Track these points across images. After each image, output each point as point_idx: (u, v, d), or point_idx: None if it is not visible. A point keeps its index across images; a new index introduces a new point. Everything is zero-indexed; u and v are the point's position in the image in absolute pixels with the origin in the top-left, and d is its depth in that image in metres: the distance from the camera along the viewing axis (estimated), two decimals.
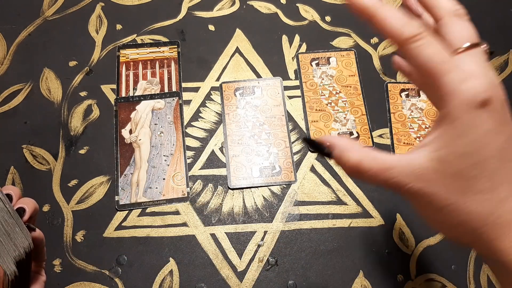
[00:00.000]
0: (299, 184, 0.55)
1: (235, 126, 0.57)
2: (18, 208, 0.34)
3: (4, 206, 0.33)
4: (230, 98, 0.59)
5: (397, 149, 0.56)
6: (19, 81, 0.59)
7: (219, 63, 0.62)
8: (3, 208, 0.33)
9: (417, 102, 0.60)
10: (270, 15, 0.66)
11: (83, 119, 0.57)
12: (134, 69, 0.60)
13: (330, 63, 0.62)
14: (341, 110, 0.59)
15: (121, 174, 0.54)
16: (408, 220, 0.53)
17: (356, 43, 0.64)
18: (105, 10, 0.65)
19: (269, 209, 0.53)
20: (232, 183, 0.54)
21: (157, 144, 0.56)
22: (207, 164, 0.55)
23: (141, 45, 0.62)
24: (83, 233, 0.51)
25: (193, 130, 0.57)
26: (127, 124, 0.57)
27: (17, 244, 0.34)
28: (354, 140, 0.28)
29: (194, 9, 0.66)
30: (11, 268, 0.33)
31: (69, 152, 0.55)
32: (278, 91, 0.60)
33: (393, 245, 0.52)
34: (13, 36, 0.63)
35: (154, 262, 0.50)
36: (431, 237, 0.52)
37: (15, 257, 0.33)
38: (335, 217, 0.53)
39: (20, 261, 0.33)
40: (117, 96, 0.59)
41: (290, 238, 0.52)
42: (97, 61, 0.61)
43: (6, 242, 0.33)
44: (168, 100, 0.58)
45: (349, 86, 0.60)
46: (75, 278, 0.49)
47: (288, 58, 0.62)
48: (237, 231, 0.52)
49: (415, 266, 0.51)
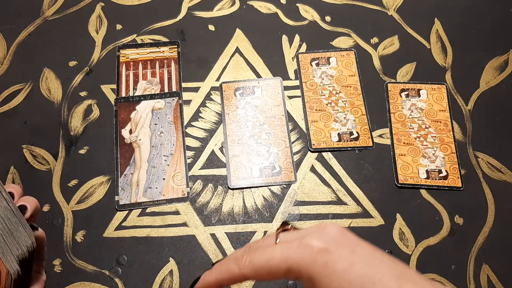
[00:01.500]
0: (299, 184, 0.55)
1: (235, 126, 0.57)
2: (19, 205, 0.34)
3: (7, 205, 0.33)
4: (230, 98, 0.59)
5: (397, 148, 0.56)
6: (19, 81, 0.59)
7: (219, 63, 0.62)
8: (7, 207, 0.33)
9: (417, 102, 0.60)
10: (270, 15, 0.66)
11: (83, 119, 0.57)
12: (134, 69, 0.60)
13: (330, 63, 0.62)
14: (341, 110, 0.59)
15: (121, 174, 0.54)
16: (408, 220, 0.53)
17: (356, 43, 0.64)
18: (105, 10, 0.65)
19: (269, 209, 0.53)
20: (232, 183, 0.54)
21: (157, 144, 0.56)
22: (207, 164, 0.55)
23: (141, 45, 0.62)
24: (83, 233, 0.51)
25: (193, 130, 0.57)
26: (127, 124, 0.57)
27: (20, 243, 0.34)
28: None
29: (194, 9, 0.66)
30: (15, 267, 0.32)
31: (69, 152, 0.55)
32: (278, 91, 0.60)
33: (393, 245, 0.52)
34: (13, 36, 0.63)
35: (154, 262, 0.50)
36: (431, 237, 0.52)
37: (18, 256, 0.33)
38: (335, 217, 0.53)
39: (23, 260, 0.33)
40: (117, 96, 0.59)
41: None
42: (97, 61, 0.61)
43: (10, 241, 0.33)
44: (168, 100, 0.58)
45: (349, 86, 0.60)
46: (75, 278, 0.49)
47: (288, 58, 0.62)
48: (237, 231, 0.52)
49: (415, 266, 0.51)
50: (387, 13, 0.67)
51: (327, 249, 0.28)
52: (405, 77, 0.61)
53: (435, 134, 0.57)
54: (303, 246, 0.28)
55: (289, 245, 0.29)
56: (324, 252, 0.28)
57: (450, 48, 0.64)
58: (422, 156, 0.56)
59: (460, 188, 0.55)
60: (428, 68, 0.62)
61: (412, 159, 0.56)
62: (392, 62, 0.63)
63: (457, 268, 0.51)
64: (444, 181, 0.55)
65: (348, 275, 0.27)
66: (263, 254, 0.30)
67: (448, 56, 0.63)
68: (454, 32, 0.65)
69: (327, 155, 0.57)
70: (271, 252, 0.30)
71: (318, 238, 0.29)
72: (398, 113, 0.59)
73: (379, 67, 0.62)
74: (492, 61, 0.63)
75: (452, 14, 0.67)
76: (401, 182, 0.54)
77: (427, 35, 0.65)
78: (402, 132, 0.58)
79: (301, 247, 0.29)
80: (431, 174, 0.55)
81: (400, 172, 0.55)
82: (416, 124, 0.58)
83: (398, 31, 0.65)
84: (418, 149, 0.56)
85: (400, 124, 0.58)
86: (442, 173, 0.55)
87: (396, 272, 0.27)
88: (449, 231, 0.53)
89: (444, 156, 0.56)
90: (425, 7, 0.67)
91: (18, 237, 0.34)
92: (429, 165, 0.55)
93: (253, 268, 0.30)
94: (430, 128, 0.58)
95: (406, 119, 0.58)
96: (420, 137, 0.57)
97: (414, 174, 0.55)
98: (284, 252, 0.29)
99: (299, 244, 0.29)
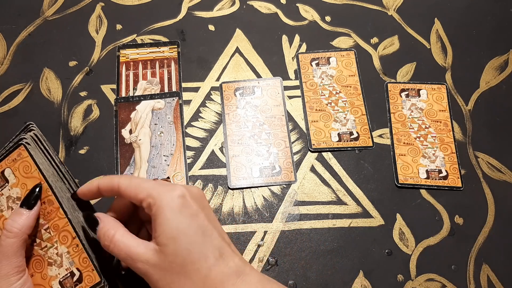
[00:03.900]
0: (299, 184, 0.55)
1: (235, 126, 0.57)
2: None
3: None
4: (230, 98, 0.59)
5: (397, 148, 0.56)
6: (19, 81, 0.60)
7: (219, 63, 0.62)
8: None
9: (417, 102, 0.60)
10: (270, 15, 0.66)
11: (83, 119, 0.57)
12: (134, 69, 0.60)
13: (330, 63, 0.62)
14: (341, 110, 0.59)
15: (121, 174, 0.54)
16: (408, 220, 0.53)
17: (356, 43, 0.64)
18: (105, 10, 0.65)
19: (269, 209, 0.53)
20: (232, 183, 0.54)
21: (157, 144, 0.56)
22: (207, 164, 0.55)
23: (141, 45, 0.62)
24: None
25: (193, 130, 0.57)
26: (127, 124, 0.57)
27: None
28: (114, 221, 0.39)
29: (194, 9, 0.66)
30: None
31: (69, 152, 0.55)
32: (278, 91, 0.60)
33: (393, 245, 0.52)
34: (13, 36, 0.63)
35: None
36: (431, 237, 0.52)
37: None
38: (335, 217, 0.53)
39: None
40: (117, 96, 0.59)
41: (290, 238, 0.52)
42: (97, 61, 0.61)
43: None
44: (168, 100, 0.58)
45: (349, 86, 0.60)
46: None
47: (288, 58, 0.62)
48: (237, 231, 0.52)
49: (415, 266, 0.51)
50: (387, 13, 0.67)
51: (184, 195, 0.36)
52: (405, 77, 0.61)
53: (435, 134, 0.57)
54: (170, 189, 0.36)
55: (160, 183, 0.37)
56: (181, 197, 0.36)
57: (450, 48, 0.64)
58: (422, 156, 0.56)
59: (460, 188, 0.55)
60: (428, 68, 0.62)
61: (412, 159, 0.56)
62: (392, 62, 0.63)
63: (457, 268, 0.51)
64: (444, 181, 0.55)
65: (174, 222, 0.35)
66: (139, 181, 0.37)
67: (448, 56, 0.63)
68: (454, 32, 0.65)
69: (327, 155, 0.57)
70: (145, 181, 0.37)
71: (184, 189, 0.37)
72: (398, 113, 0.59)
73: (379, 67, 0.62)
74: (492, 61, 0.63)
75: (452, 14, 0.67)
76: (401, 182, 0.55)
77: (427, 35, 0.65)
78: (402, 132, 0.58)
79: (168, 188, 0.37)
80: (431, 174, 0.55)
81: (400, 172, 0.55)
82: (416, 124, 0.58)
83: (398, 31, 0.65)
84: (418, 149, 0.56)
85: (400, 124, 0.58)
86: (442, 173, 0.55)
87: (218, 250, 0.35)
88: (449, 231, 0.53)
89: (444, 156, 0.56)
90: (425, 7, 0.67)
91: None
92: (429, 165, 0.55)
93: (126, 187, 0.37)
94: (430, 128, 0.58)
95: (406, 119, 0.58)
96: (420, 137, 0.57)
97: (414, 174, 0.55)
98: (155, 185, 0.37)
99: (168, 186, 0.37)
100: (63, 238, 0.39)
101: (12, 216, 0.37)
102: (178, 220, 0.35)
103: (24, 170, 0.40)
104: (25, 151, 0.40)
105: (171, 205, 0.35)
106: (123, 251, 0.36)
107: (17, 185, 0.40)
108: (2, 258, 0.36)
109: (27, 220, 0.37)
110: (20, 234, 0.37)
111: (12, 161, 0.40)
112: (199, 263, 0.34)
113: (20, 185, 0.40)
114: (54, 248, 0.39)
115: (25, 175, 0.40)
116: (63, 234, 0.39)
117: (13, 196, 0.40)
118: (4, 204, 0.40)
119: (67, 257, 0.39)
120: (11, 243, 0.36)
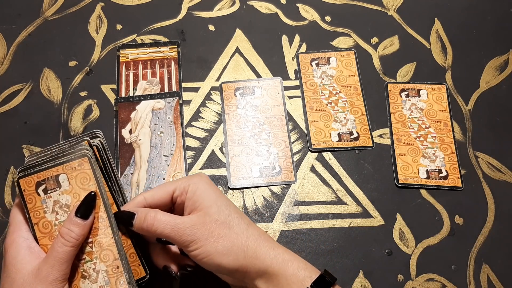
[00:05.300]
0: (299, 184, 0.55)
1: (235, 126, 0.57)
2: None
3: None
4: (230, 98, 0.59)
5: (397, 148, 0.56)
6: (19, 81, 0.60)
7: (219, 63, 0.62)
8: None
9: (417, 102, 0.60)
10: (270, 15, 0.66)
11: (83, 119, 0.57)
12: (134, 69, 0.60)
13: (330, 63, 0.62)
14: (341, 110, 0.59)
15: (121, 174, 0.54)
16: (408, 220, 0.53)
17: (356, 43, 0.64)
18: (105, 10, 0.65)
19: (269, 209, 0.53)
20: (232, 183, 0.54)
21: (157, 144, 0.56)
22: (207, 164, 0.55)
23: (141, 45, 0.62)
24: None
25: (193, 130, 0.57)
26: (127, 124, 0.57)
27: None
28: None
29: (194, 9, 0.66)
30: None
31: None
32: (278, 91, 0.60)
33: (393, 245, 0.52)
34: (13, 36, 0.63)
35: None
36: (431, 237, 0.52)
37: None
38: (335, 217, 0.53)
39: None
40: (117, 96, 0.59)
41: (290, 238, 0.52)
42: (97, 61, 0.61)
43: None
44: (168, 100, 0.58)
45: (349, 86, 0.60)
46: None
47: (288, 58, 0.62)
48: None
49: (415, 266, 0.51)
50: (387, 13, 0.67)
51: (205, 177, 0.43)
52: (405, 77, 0.61)
53: (435, 134, 0.57)
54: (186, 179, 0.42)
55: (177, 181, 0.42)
56: (205, 177, 0.42)
57: (450, 48, 0.64)
58: (422, 156, 0.56)
59: (460, 188, 0.55)
60: (428, 68, 0.62)
61: (412, 159, 0.56)
62: (392, 62, 0.63)
63: (457, 268, 0.51)
64: (444, 181, 0.55)
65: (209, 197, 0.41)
66: (159, 185, 0.43)
67: (448, 56, 0.63)
68: (454, 32, 0.65)
69: (327, 155, 0.57)
70: (163, 184, 0.42)
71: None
72: (398, 113, 0.59)
73: (379, 67, 0.62)
74: (492, 61, 0.63)
75: (452, 14, 0.67)
76: (401, 182, 0.55)
77: (427, 35, 0.65)
78: (402, 132, 0.58)
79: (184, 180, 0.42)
80: (431, 174, 0.55)
81: (400, 172, 0.55)
82: (416, 124, 0.58)
83: (398, 31, 0.65)
84: (418, 149, 0.56)
85: (400, 124, 0.58)
86: (442, 173, 0.55)
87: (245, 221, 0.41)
88: (449, 231, 0.53)
89: (444, 156, 0.56)
90: (425, 7, 0.67)
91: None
92: (429, 165, 0.55)
93: (153, 192, 0.41)
94: (430, 128, 0.58)
95: (406, 119, 0.58)
96: (420, 137, 0.57)
97: (414, 174, 0.55)
98: (177, 180, 0.42)
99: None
100: (105, 256, 0.39)
101: (67, 224, 0.38)
102: (212, 190, 0.41)
103: (81, 181, 0.40)
104: (88, 163, 0.40)
105: (203, 182, 0.41)
106: (169, 225, 0.38)
107: (70, 192, 0.39)
108: (55, 263, 0.36)
109: (83, 230, 0.38)
110: (77, 243, 0.38)
111: (71, 168, 0.40)
112: (238, 221, 0.40)
113: (73, 194, 0.39)
114: (92, 263, 0.39)
115: (81, 186, 0.39)
116: (105, 253, 0.39)
117: (61, 202, 0.39)
118: (49, 207, 0.39)
119: (104, 275, 0.39)
120: (68, 251, 0.37)
